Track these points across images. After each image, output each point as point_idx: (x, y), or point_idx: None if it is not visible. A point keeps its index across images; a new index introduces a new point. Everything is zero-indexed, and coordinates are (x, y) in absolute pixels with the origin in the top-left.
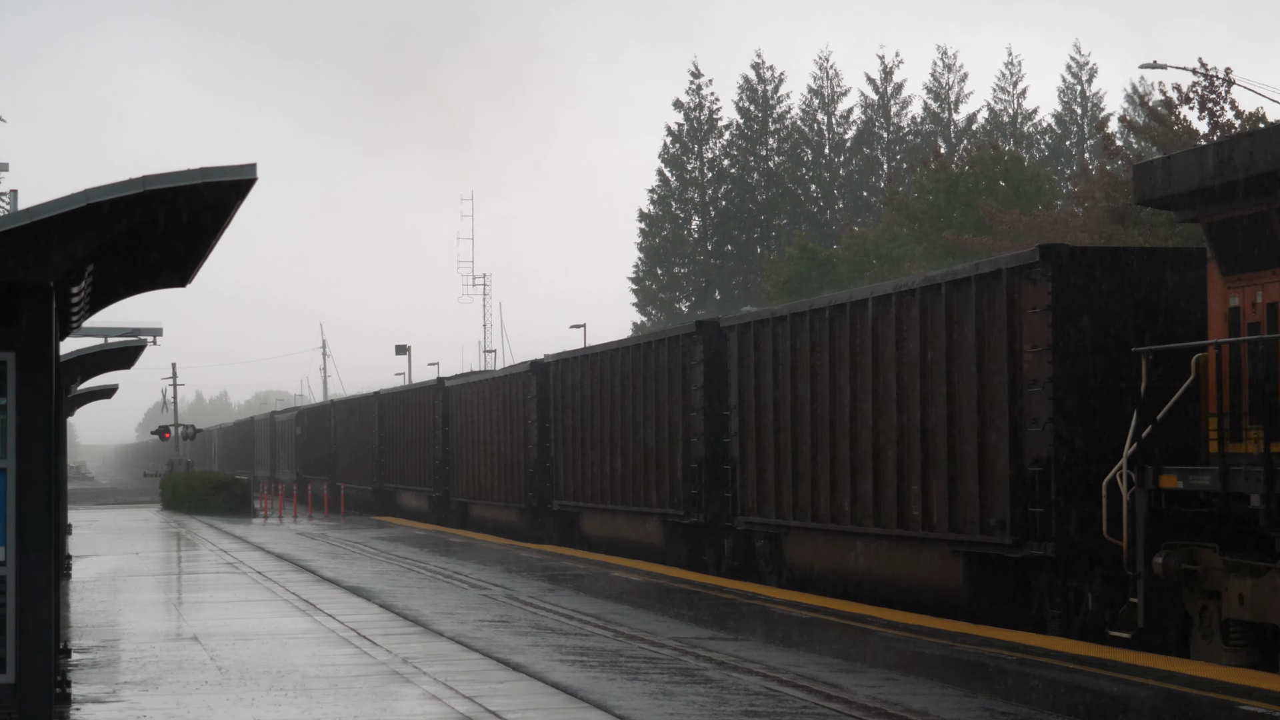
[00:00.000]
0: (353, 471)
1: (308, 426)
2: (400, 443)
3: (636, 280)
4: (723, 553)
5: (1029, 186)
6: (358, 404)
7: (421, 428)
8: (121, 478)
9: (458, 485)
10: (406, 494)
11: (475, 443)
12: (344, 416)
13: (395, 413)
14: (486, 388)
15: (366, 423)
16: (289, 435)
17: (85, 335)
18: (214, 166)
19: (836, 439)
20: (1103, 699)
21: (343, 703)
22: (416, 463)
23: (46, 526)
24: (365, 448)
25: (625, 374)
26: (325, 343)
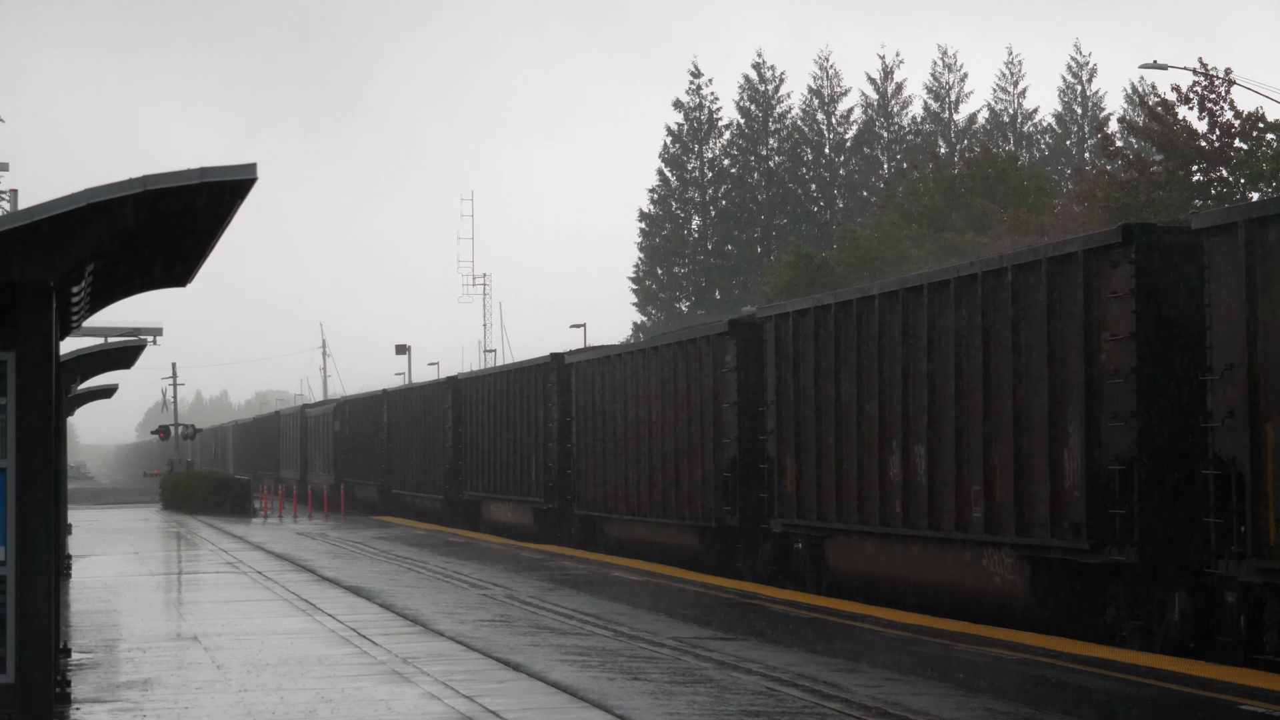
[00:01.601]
0: (416, 475)
1: (350, 421)
2: (489, 442)
3: (636, 280)
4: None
5: (1031, 185)
6: (423, 393)
7: (525, 422)
8: (121, 478)
9: (588, 496)
10: (500, 505)
11: (611, 440)
12: (403, 408)
13: (482, 402)
14: (633, 361)
15: (435, 416)
16: (323, 432)
17: (85, 335)
18: (214, 166)
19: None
20: (1103, 699)
21: (343, 703)
22: (518, 467)
23: (46, 526)
24: (434, 447)
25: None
26: (325, 343)
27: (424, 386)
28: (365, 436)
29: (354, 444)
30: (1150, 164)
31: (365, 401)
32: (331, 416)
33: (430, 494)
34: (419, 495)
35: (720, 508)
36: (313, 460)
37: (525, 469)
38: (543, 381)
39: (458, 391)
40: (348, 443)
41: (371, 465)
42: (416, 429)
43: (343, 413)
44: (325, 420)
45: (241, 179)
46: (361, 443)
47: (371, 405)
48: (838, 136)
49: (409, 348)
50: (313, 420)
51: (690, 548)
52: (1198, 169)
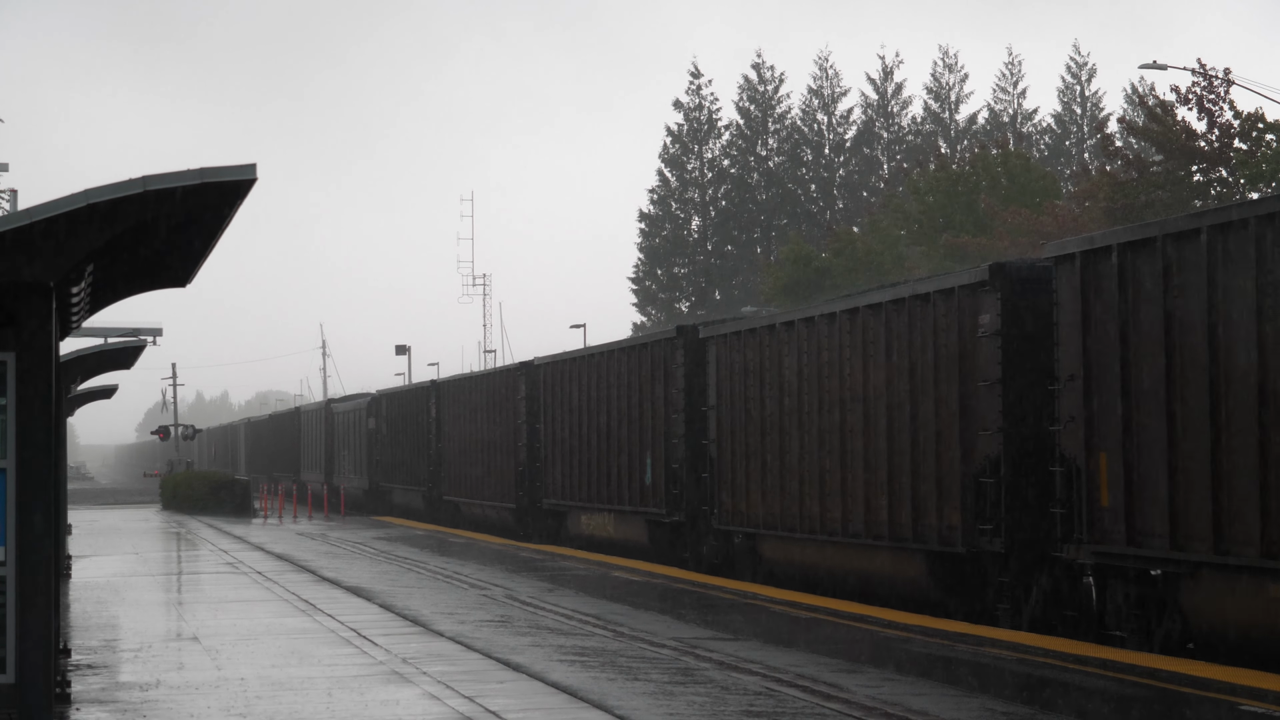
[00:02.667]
0: (476, 480)
1: (387, 418)
2: (578, 440)
3: (636, 280)
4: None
5: (1036, 185)
6: (488, 383)
7: (639, 414)
8: (121, 478)
9: (733, 507)
10: (595, 517)
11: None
12: (459, 401)
13: (569, 391)
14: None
15: (502, 410)
16: (354, 430)
17: (85, 335)
18: (214, 167)
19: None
20: (1103, 699)
21: (343, 703)
22: (624, 471)
23: (46, 526)
24: (502, 446)
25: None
26: (325, 343)
27: (489, 375)
28: (408, 435)
29: (393, 443)
30: (1150, 164)
31: (408, 395)
32: (365, 412)
33: (497, 502)
34: (481, 503)
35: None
36: (340, 461)
37: (636, 473)
38: (669, 360)
39: (535, 379)
40: (385, 442)
41: (416, 468)
42: (478, 426)
43: (379, 408)
44: (357, 416)
45: (241, 179)
46: (403, 442)
47: (416, 399)
48: (837, 137)
49: (409, 348)
50: (341, 416)
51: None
52: (1197, 169)
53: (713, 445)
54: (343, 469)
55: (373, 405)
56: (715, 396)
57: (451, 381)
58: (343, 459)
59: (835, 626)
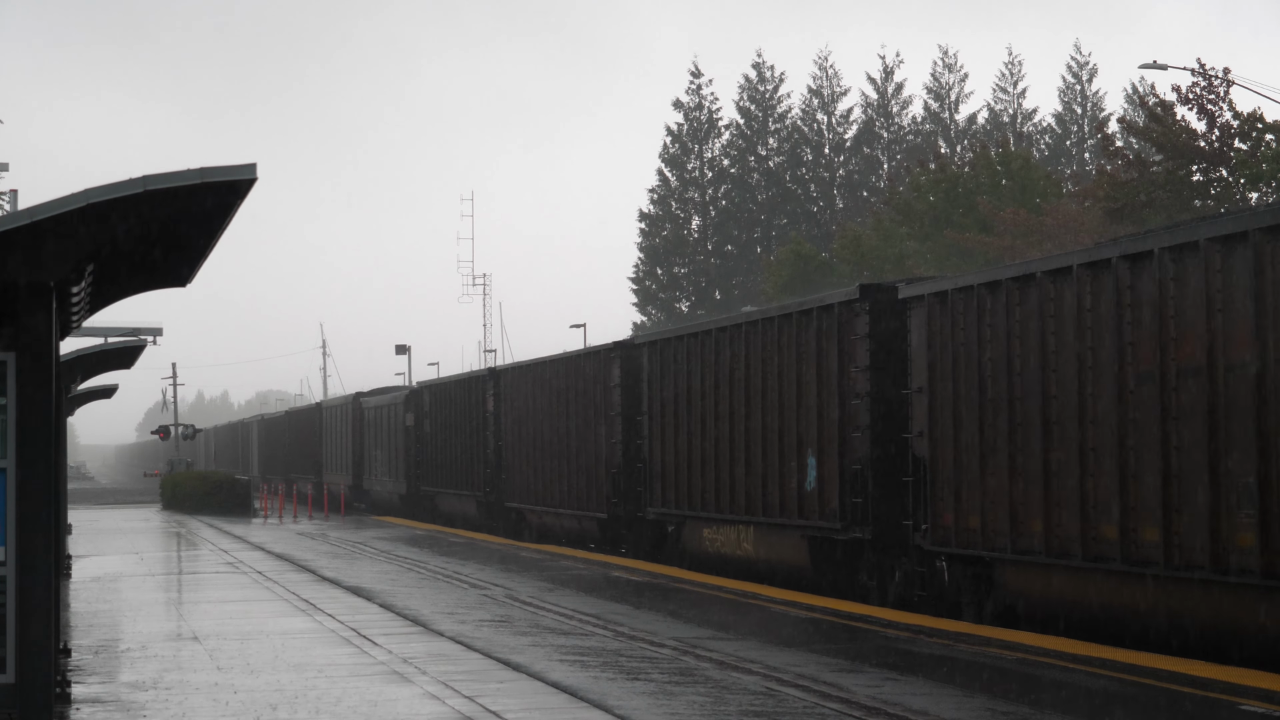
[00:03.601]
0: (550, 486)
1: (431, 413)
2: (700, 436)
3: (636, 280)
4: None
5: (1036, 184)
6: (567, 369)
7: (785, 400)
8: (121, 478)
9: (955, 523)
10: (728, 531)
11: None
12: (526, 392)
13: (681, 376)
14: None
15: (586, 400)
16: (389, 427)
17: (85, 335)
18: (214, 166)
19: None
20: (1104, 698)
21: (344, 703)
22: (759, 474)
23: (46, 526)
24: (586, 445)
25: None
26: (325, 343)
27: (569, 359)
28: (457, 432)
29: (438, 442)
30: (1150, 164)
31: (457, 386)
32: (402, 407)
33: (579, 510)
34: (557, 512)
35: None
36: (372, 462)
37: (789, 476)
38: (846, 329)
39: (635, 362)
40: (428, 440)
41: (468, 470)
42: (552, 420)
43: (419, 402)
44: (391, 412)
45: (241, 179)
46: (451, 440)
47: (468, 390)
48: (837, 136)
49: (409, 348)
50: (372, 412)
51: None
52: (1197, 169)
53: (920, 440)
54: (374, 471)
55: (412, 399)
56: (925, 375)
57: (515, 369)
58: (375, 460)
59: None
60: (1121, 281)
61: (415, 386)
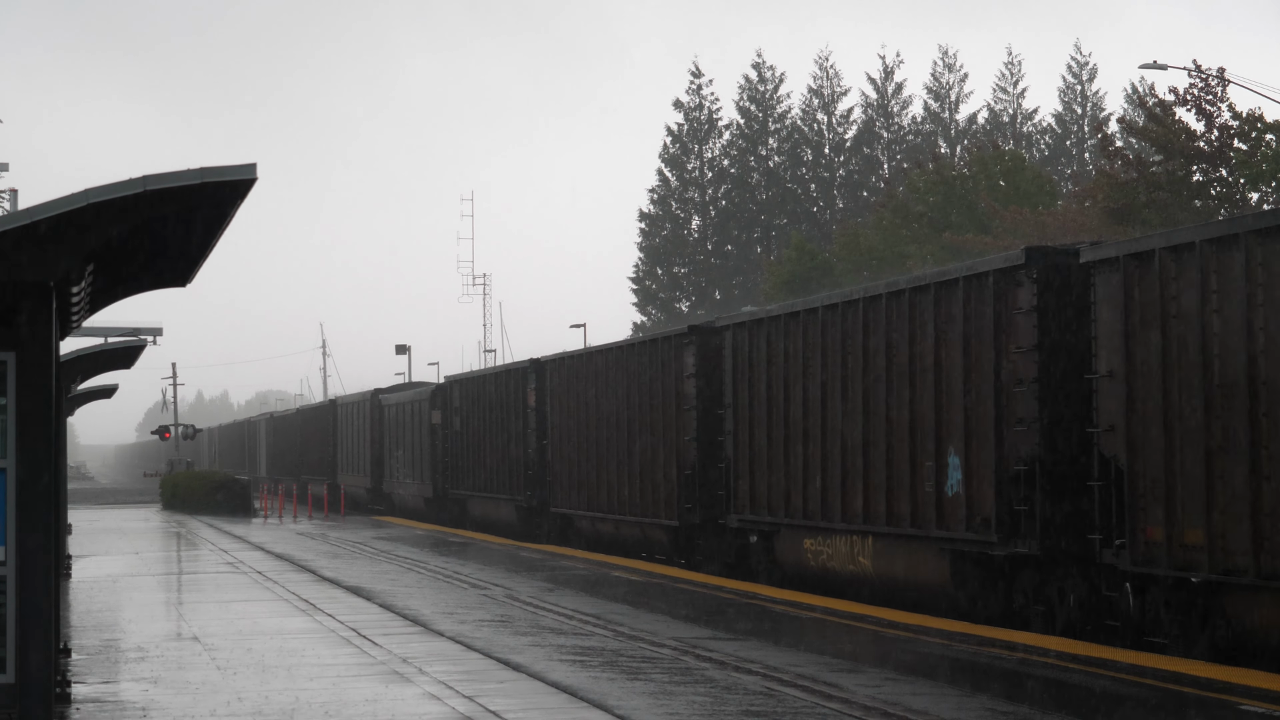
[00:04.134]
0: (606, 489)
1: (462, 410)
2: (795, 427)
3: (636, 280)
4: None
5: (1032, 185)
6: (630, 357)
7: (918, 389)
8: (121, 478)
9: (1168, 537)
10: (839, 542)
11: None
12: (578, 383)
13: (769, 363)
14: None
15: (654, 391)
16: (412, 425)
17: (85, 335)
18: (214, 166)
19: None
20: (1104, 698)
21: (344, 703)
22: (886, 476)
23: (46, 526)
24: (653, 442)
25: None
26: (325, 343)
27: (631, 347)
28: (493, 430)
29: (470, 442)
30: (1150, 164)
31: (494, 380)
32: (427, 404)
33: (643, 517)
34: (615, 519)
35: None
36: (394, 464)
37: (926, 477)
38: (1004, 303)
39: (713, 349)
40: (457, 440)
41: (505, 472)
42: (610, 415)
43: (447, 398)
44: (415, 409)
45: (241, 179)
46: (486, 440)
47: (507, 384)
48: (838, 136)
49: (409, 348)
50: (393, 410)
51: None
52: (1197, 169)
53: (1111, 435)
54: (396, 472)
55: (439, 395)
56: (1119, 356)
57: (564, 360)
58: (396, 460)
59: (837, 627)
60: None
61: (443, 381)
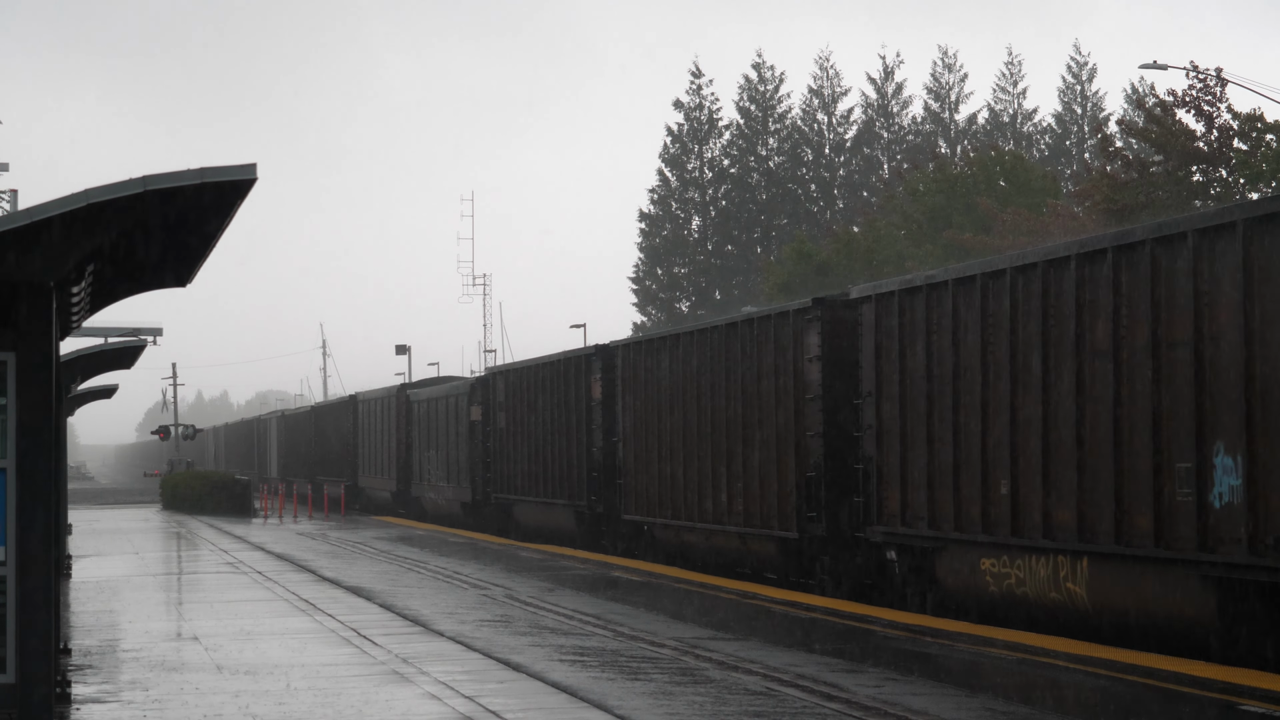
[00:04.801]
0: (715, 498)
1: (510, 405)
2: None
3: (636, 280)
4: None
5: (1035, 185)
6: (714, 341)
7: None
8: (121, 478)
9: None
10: (1031, 562)
11: None
12: (656, 371)
13: (960, 335)
14: None
15: (762, 377)
16: (448, 423)
17: (85, 335)
18: (214, 167)
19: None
20: (1104, 698)
21: (343, 703)
22: (1104, 475)
23: (46, 526)
24: (778, 440)
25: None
26: (325, 343)
27: (727, 328)
28: (547, 428)
29: (517, 440)
30: (1149, 165)
31: (549, 370)
32: (466, 399)
33: (750, 527)
34: (706, 529)
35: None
36: (425, 465)
37: (1162, 486)
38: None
39: (845, 326)
40: (504, 438)
41: (563, 474)
42: (700, 410)
43: (489, 391)
44: (450, 405)
45: (241, 179)
46: (539, 438)
47: (565, 375)
48: (838, 136)
49: (409, 348)
50: (424, 406)
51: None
52: (1197, 170)
53: None
54: (428, 474)
55: (479, 389)
56: None
57: (638, 345)
58: (428, 461)
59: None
60: None
61: (484, 373)
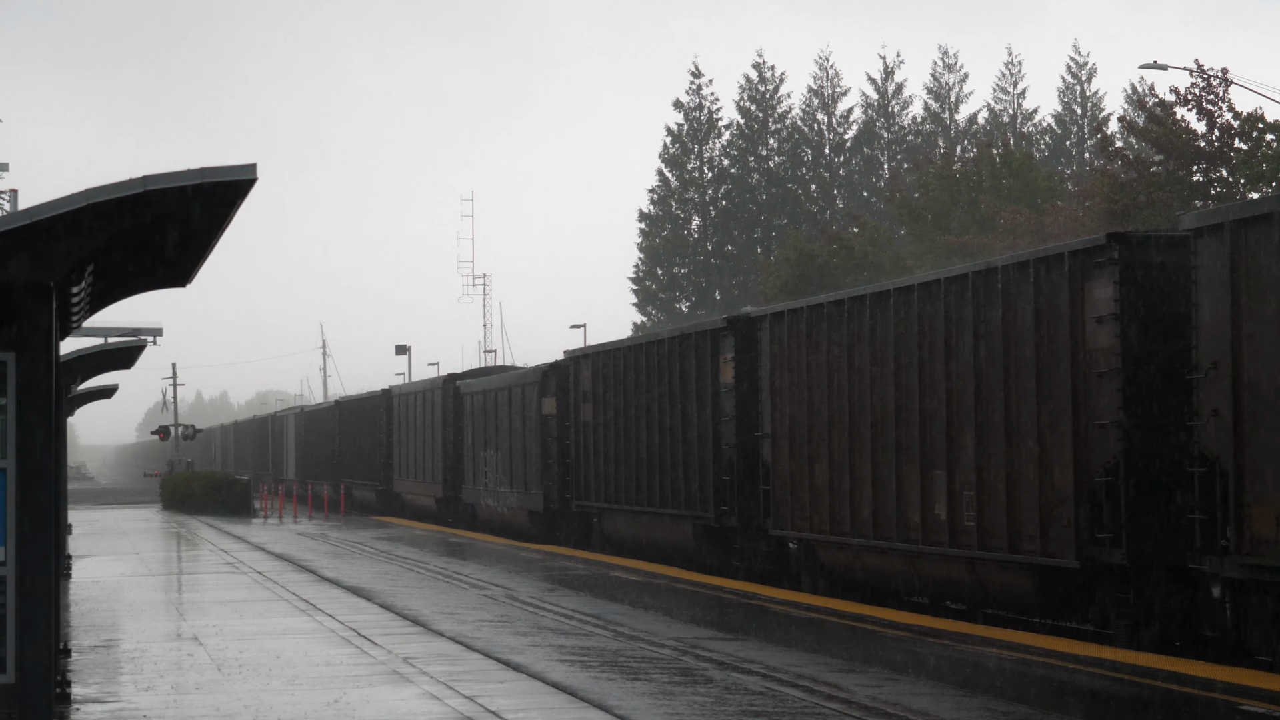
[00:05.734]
0: (920, 514)
1: (596, 396)
2: None
3: (636, 280)
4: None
5: (1040, 184)
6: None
7: None
8: (121, 478)
9: None
10: None
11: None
12: (824, 348)
13: None
14: None
15: (1000, 348)
16: (510, 417)
17: (85, 335)
18: (214, 167)
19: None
20: (1104, 699)
21: (344, 703)
22: None
23: (46, 527)
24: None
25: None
26: (325, 343)
27: (959, 279)
28: (654, 421)
29: (609, 437)
30: (1150, 164)
31: (657, 350)
32: (536, 389)
33: (988, 550)
34: (915, 551)
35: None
36: (481, 468)
37: None
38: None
39: (1153, 274)
40: (589, 436)
41: (677, 478)
42: (913, 389)
43: (569, 380)
44: (515, 397)
45: (241, 179)
46: (638, 433)
47: (683, 355)
48: (838, 136)
49: (409, 348)
50: (480, 399)
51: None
52: (1197, 170)
53: None
54: (484, 478)
55: (555, 377)
56: None
57: (798, 312)
58: (484, 463)
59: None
60: None
61: (561, 359)
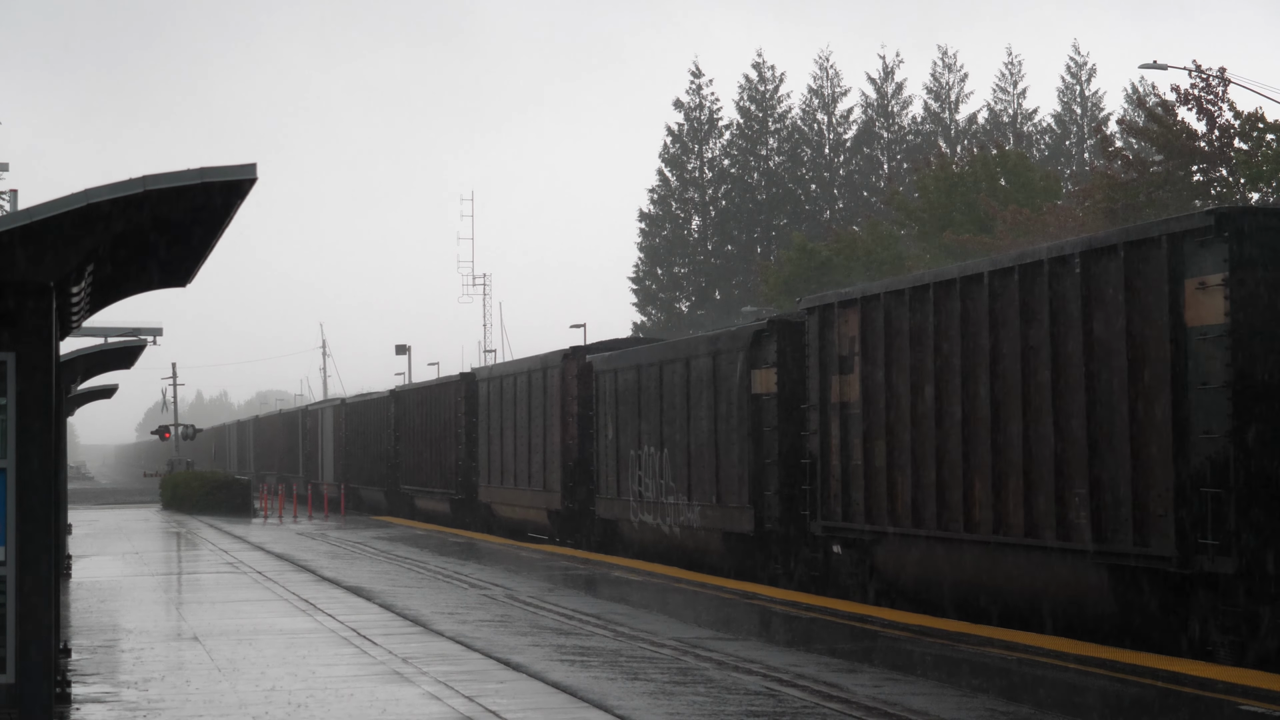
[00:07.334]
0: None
1: (877, 359)
2: None
3: (636, 280)
4: None
5: (1038, 184)
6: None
7: None
8: (121, 478)
9: None
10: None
11: None
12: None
13: None
14: None
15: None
16: (684, 399)
17: (85, 335)
18: (214, 167)
19: None
20: (1104, 699)
21: (343, 702)
22: None
23: (46, 526)
24: None
25: None
26: (325, 343)
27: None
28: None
29: (887, 424)
30: (1150, 164)
31: (981, 285)
32: (742, 359)
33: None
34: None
35: None
36: (634, 471)
37: None
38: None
39: None
40: (848, 423)
41: (1040, 471)
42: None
43: (796, 342)
44: (705, 371)
45: (241, 179)
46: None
47: (1011, 295)
48: (838, 136)
49: (409, 348)
50: (631, 376)
51: None
52: (1197, 169)
53: None
54: (638, 488)
55: (770, 340)
56: None
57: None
58: (640, 464)
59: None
60: None
61: (774, 316)
